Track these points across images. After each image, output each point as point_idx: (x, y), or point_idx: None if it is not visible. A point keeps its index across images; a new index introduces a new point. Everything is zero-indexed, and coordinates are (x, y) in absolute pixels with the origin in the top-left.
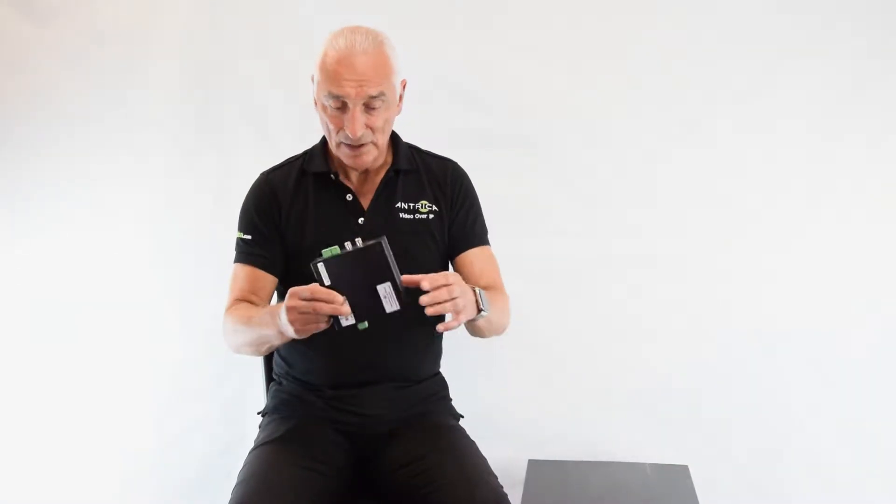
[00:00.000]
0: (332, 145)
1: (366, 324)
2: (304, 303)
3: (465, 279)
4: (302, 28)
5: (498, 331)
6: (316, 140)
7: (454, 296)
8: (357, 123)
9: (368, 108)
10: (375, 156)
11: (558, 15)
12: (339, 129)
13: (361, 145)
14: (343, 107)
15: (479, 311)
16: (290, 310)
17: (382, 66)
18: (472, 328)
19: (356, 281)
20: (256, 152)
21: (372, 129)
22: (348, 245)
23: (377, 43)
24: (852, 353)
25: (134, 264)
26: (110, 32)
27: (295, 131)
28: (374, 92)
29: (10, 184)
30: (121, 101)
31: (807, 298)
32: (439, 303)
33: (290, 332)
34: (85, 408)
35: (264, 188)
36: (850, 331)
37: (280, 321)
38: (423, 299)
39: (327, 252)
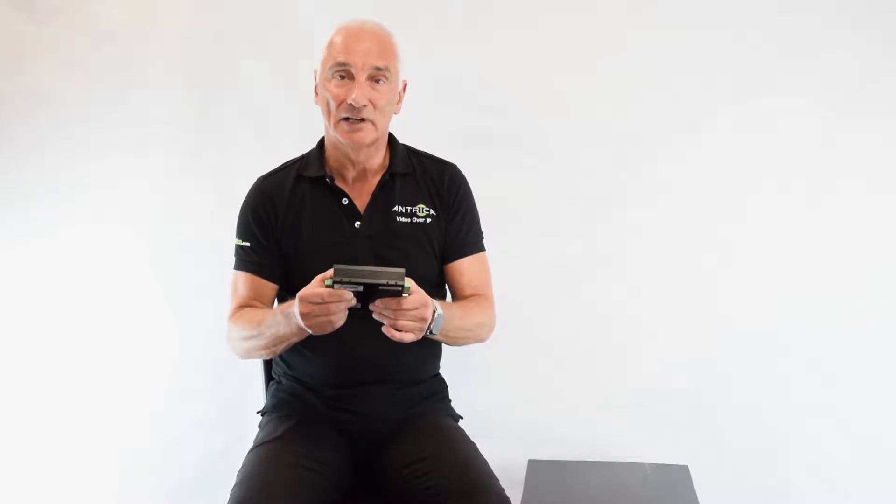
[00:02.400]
0: (331, 128)
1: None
2: (317, 307)
3: (453, 288)
4: (302, 28)
5: (468, 342)
6: (315, 140)
7: (397, 319)
8: (361, 90)
9: (372, 81)
10: (374, 137)
11: (558, 15)
12: (341, 102)
13: (361, 120)
14: (348, 77)
15: (429, 331)
16: (304, 316)
17: (389, 46)
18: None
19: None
20: (256, 152)
21: (373, 104)
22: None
23: (386, 30)
24: (852, 353)
25: (134, 264)
26: (110, 32)
27: (295, 131)
28: (380, 64)
29: (10, 184)
30: (121, 101)
31: (807, 298)
32: (385, 315)
33: (311, 332)
34: (85, 408)
35: (260, 194)
36: (850, 331)
37: (298, 321)
38: (373, 309)
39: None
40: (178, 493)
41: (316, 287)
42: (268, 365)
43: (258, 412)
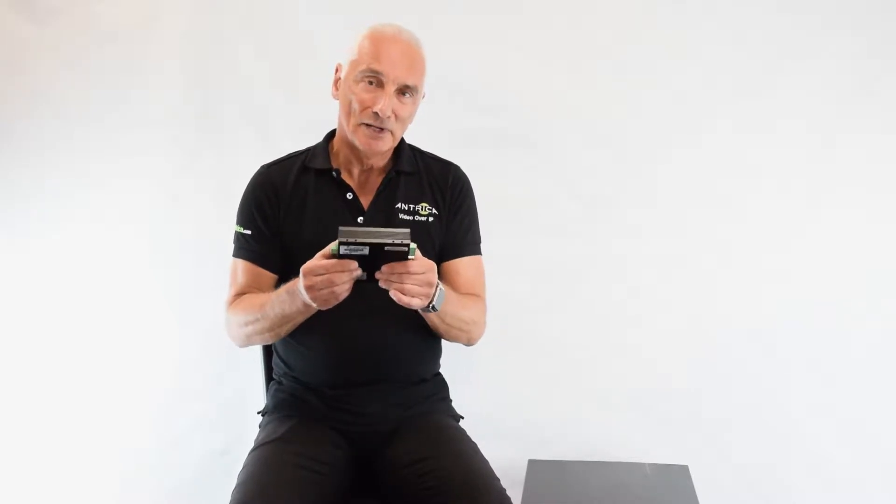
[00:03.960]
0: (349, 129)
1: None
2: (320, 279)
3: (448, 287)
4: (302, 28)
5: (459, 336)
6: (315, 139)
7: (403, 283)
8: (388, 101)
9: (400, 94)
10: (390, 146)
11: (558, 15)
12: (366, 107)
13: (382, 129)
14: (377, 84)
15: (430, 306)
16: (308, 289)
17: (421, 63)
18: (429, 323)
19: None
20: (256, 152)
21: (396, 115)
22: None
23: (418, 42)
24: (852, 353)
25: (134, 264)
26: (110, 32)
27: (295, 131)
28: (410, 82)
29: (10, 184)
30: (121, 101)
31: (807, 298)
32: (391, 280)
33: (316, 305)
34: (85, 408)
35: (264, 182)
36: (850, 331)
37: (303, 296)
38: (379, 276)
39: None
40: (178, 493)
41: (319, 260)
42: (268, 365)
43: (259, 412)
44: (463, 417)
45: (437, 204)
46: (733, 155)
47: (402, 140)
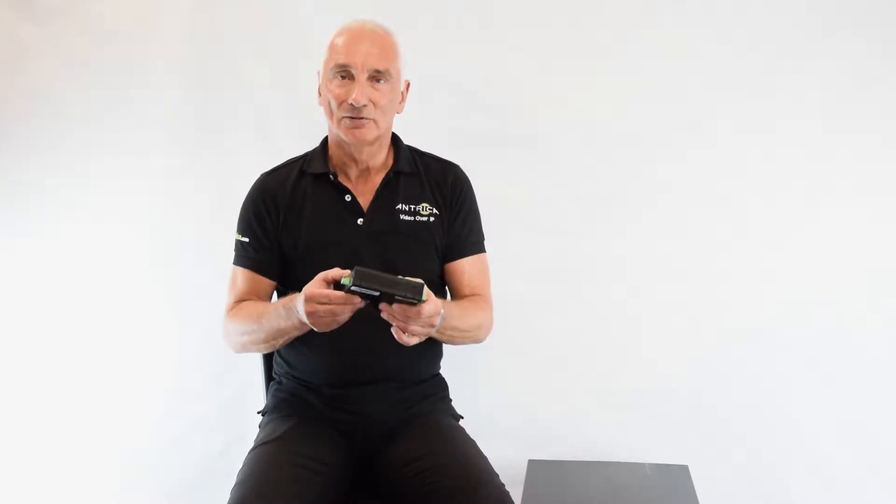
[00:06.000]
0: (333, 126)
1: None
2: (322, 307)
3: (452, 287)
4: (302, 28)
5: (464, 342)
6: (316, 141)
7: (408, 324)
8: (361, 89)
9: (373, 81)
10: (376, 136)
11: (558, 15)
12: (343, 101)
13: (363, 118)
14: (349, 77)
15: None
16: (309, 314)
17: (390, 47)
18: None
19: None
20: (256, 152)
21: (374, 103)
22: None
23: (386, 30)
24: (852, 353)
25: (134, 264)
26: (110, 32)
27: (295, 131)
28: (380, 67)
29: (10, 184)
30: (121, 100)
31: (807, 298)
32: (397, 319)
33: (314, 329)
34: (85, 408)
35: (262, 191)
36: (850, 331)
37: (301, 317)
38: (383, 309)
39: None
40: (178, 493)
41: (324, 287)
42: (268, 365)
43: (259, 412)
44: (463, 417)
45: (437, 204)
46: (733, 155)
47: (400, 141)
